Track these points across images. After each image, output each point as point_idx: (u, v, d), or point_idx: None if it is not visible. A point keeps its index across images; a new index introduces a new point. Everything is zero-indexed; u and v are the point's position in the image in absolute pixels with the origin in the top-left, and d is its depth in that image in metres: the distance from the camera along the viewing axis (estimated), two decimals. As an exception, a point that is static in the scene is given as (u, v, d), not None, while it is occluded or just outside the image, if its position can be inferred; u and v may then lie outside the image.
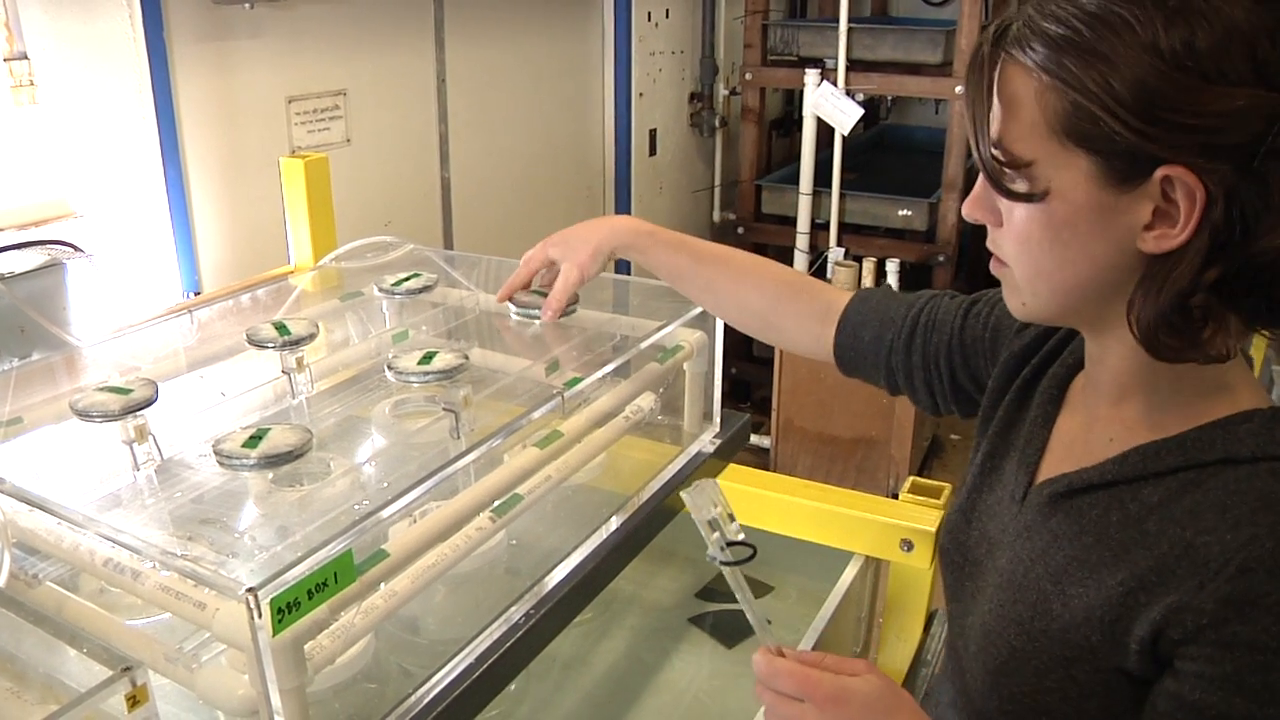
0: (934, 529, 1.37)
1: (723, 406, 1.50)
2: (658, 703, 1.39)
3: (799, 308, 1.22)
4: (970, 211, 0.84)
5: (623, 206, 3.89)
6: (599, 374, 1.24)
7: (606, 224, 1.30)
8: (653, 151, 4.02)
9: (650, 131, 3.98)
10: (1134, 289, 0.76)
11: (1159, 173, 0.71)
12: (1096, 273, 0.78)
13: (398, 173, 2.90)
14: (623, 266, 4.23)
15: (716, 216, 4.55)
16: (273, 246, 2.19)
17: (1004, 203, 0.81)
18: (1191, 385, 0.81)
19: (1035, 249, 0.80)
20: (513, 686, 1.32)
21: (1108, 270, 0.77)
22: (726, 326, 1.38)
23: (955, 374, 1.10)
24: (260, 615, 0.81)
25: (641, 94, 3.86)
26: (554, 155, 3.56)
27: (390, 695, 1.02)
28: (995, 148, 0.78)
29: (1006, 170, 0.78)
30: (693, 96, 4.28)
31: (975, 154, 0.80)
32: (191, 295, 2.27)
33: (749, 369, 4.37)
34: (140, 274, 2.17)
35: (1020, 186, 0.78)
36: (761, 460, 3.91)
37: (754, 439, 4.01)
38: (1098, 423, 0.89)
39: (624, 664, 1.44)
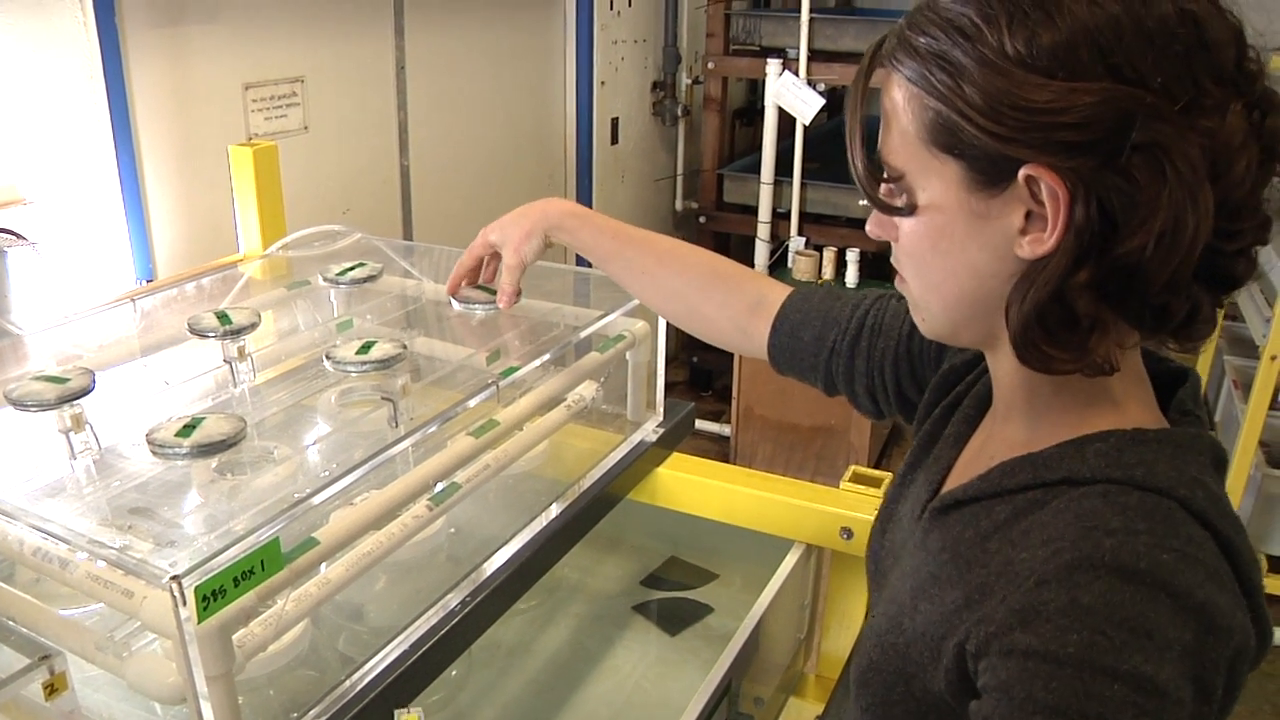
0: (873, 517, 1.39)
1: (683, 394, 1.51)
2: (601, 689, 1.40)
3: (726, 297, 1.19)
4: (873, 229, 0.84)
5: (584, 195, 3.89)
6: (535, 363, 1.25)
7: (540, 207, 1.29)
8: (615, 140, 4.02)
9: (612, 120, 3.99)
10: (1009, 295, 0.74)
11: (1021, 173, 0.70)
12: (980, 283, 0.76)
13: (356, 160, 2.89)
14: (584, 260, 4.23)
15: (679, 205, 4.56)
16: (229, 234, 2.18)
17: (895, 219, 0.80)
18: (1070, 400, 0.79)
19: (921, 262, 0.79)
20: (454, 672, 1.34)
21: (990, 279, 0.75)
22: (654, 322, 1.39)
23: (900, 381, 1.07)
24: (185, 603, 0.81)
25: (604, 82, 3.86)
26: (515, 143, 3.55)
27: (328, 682, 1.03)
28: (871, 161, 0.78)
29: (882, 184, 0.78)
30: (655, 85, 4.28)
31: (852, 169, 0.79)
32: (144, 283, 2.26)
33: (710, 357, 4.39)
34: (93, 261, 2.16)
35: (899, 201, 0.78)
36: (722, 448, 3.93)
37: (714, 427, 4.03)
38: (990, 440, 0.88)
39: (567, 651, 1.45)
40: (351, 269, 1.52)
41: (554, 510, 1.31)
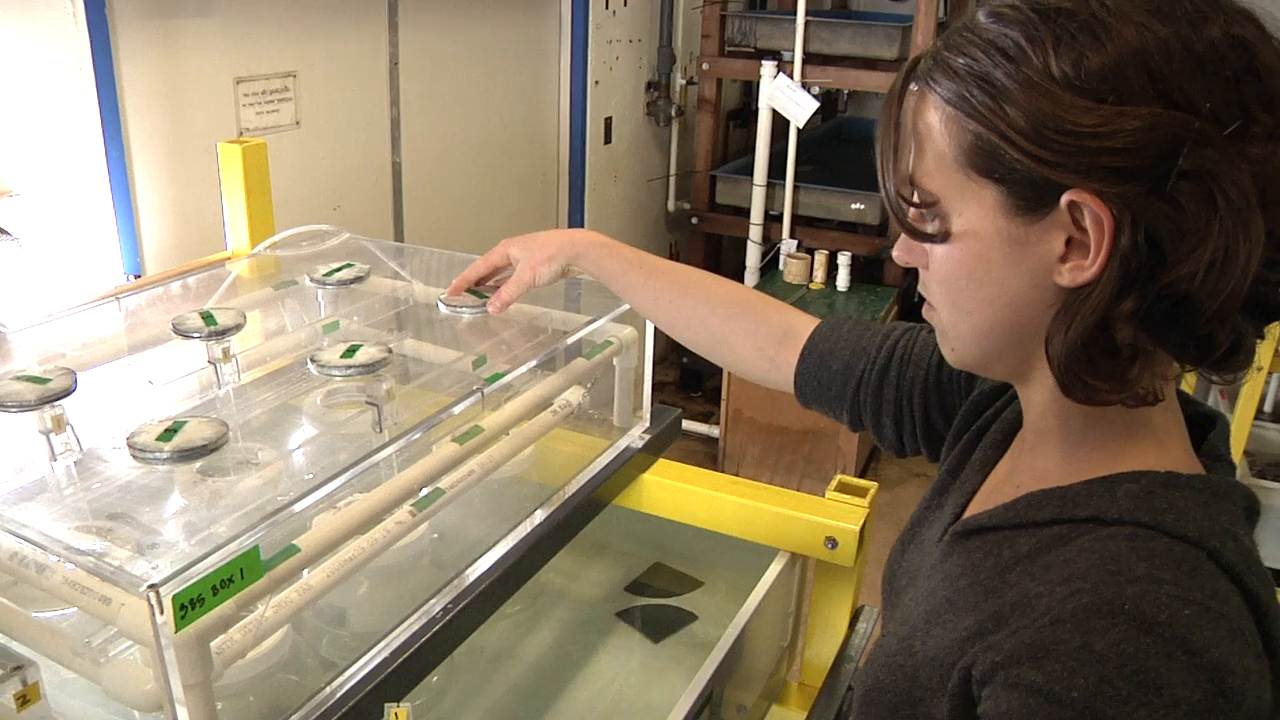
0: (858, 527, 1.39)
1: (673, 395, 1.51)
2: (583, 695, 1.40)
3: (752, 325, 1.16)
4: (900, 255, 0.82)
5: (576, 194, 3.88)
6: (521, 369, 1.25)
7: (567, 234, 1.27)
8: (608, 140, 4.02)
9: (605, 120, 3.98)
10: (1050, 324, 0.72)
11: (1064, 199, 0.68)
12: (1016, 312, 0.75)
13: (348, 156, 2.88)
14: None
15: (671, 206, 4.55)
16: (220, 230, 2.17)
17: (926, 244, 0.78)
18: (1105, 434, 0.78)
19: (954, 289, 0.77)
20: (436, 678, 1.33)
21: (1027, 308, 0.74)
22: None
23: (929, 412, 1.04)
24: (162, 611, 0.81)
25: (597, 82, 3.85)
26: (508, 141, 3.55)
27: (309, 688, 1.03)
28: (906, 186, 0.77)
29: (913, 209, 0.77)
30: (649, 85, 4.28)
31: (882, 193, 0.78)
32: (132, 278, 2.25)
33: (700, 359, 4.37)
34: (81, 256, 2.15)
35: (931, 226, 0.76)
36: (711, 449, 3.93)
37: (703, 429, 4.03)
38: (1017, 469, 0.87)
39: (551, 657, 1.45)
40: (339, 269, 1.51)
41: (539, 516, 1.30)
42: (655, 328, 1.45)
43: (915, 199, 0.76)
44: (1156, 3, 0.67)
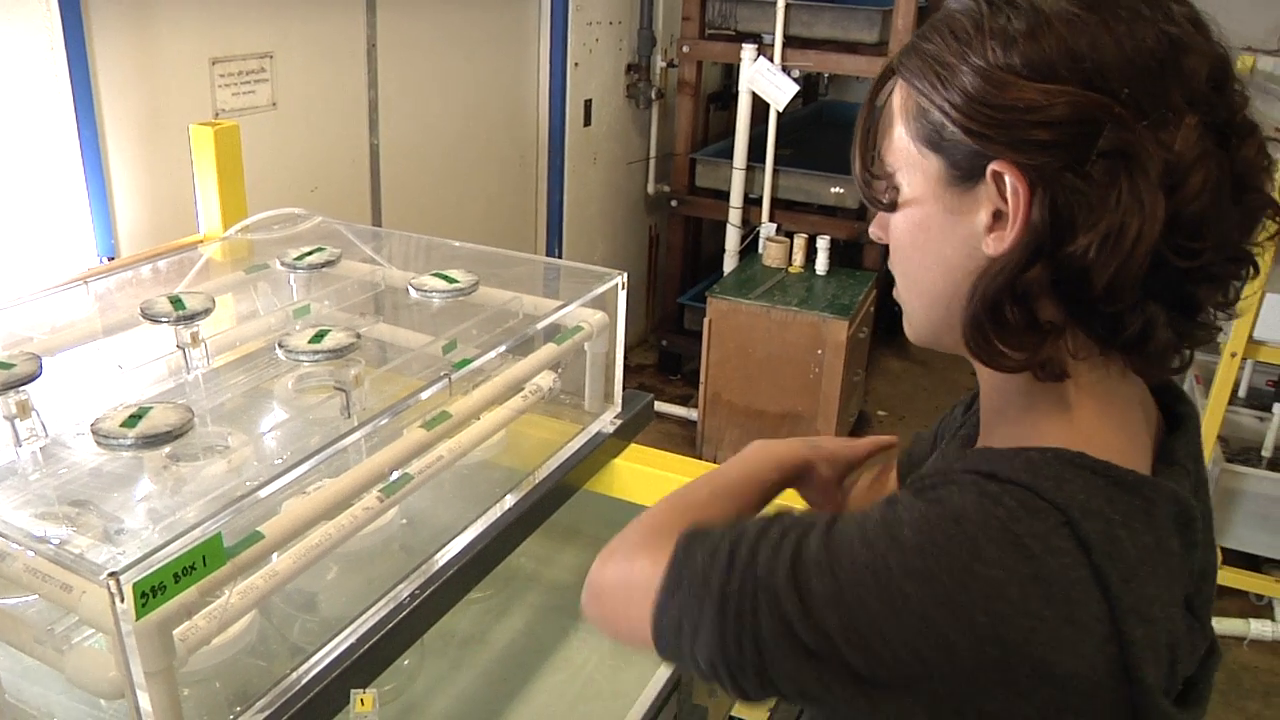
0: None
1: (652, 378, 1.51)
2: (554, 679, 1.40)
3: None
4: (874, 231, 0.86)
5: (556, 177, 3.87)
6: (489, 354, 1.24)
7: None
8: (587, 122, 4.00)
9: (585, 102, 3.97)
10: (969, 288, 0.76)
11: (989, 169, 0.73)
12: (953, 282, 0.78)
13: (325, 138, 2.86)
14: (554, 247, 4.18)
15: (651, 189, 4.55)
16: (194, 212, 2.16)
17: (883, 215, 0.83)
18: (1041, 413, 0.79)
19: (902, 257, 0.83)
20: (406, 662, 1.33)
21: (964, 278, 0.77)
22: (630, 308, 1.38)
23: None
24: (123, 599, 0.81)
25: (577, 64, 3.84)
26: (487, 123, 3.53)
27: (276, 673, 1.03)
28: (871, 159, 0.82)
29: (875, 181, 0.82)
30: (629, 68, 4.26)
31: (853, 166, 0.84)
32: (106, 260, 2.23)
33: (679, 341, 4.39)
34: (54, 238, 2.14)
35: (886, 196, 0.81)
36: (689, 433, 3.94)
37: (682, 411, 4.03)
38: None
39: (522, 641, 1.45)
40: (310, 253, 1.51)
41: (509, 501, 1.30)
42: (626, 313, 1.45)
43: (875, 174, 0.82)
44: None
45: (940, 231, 0.79)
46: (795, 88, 3.79)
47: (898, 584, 0.69)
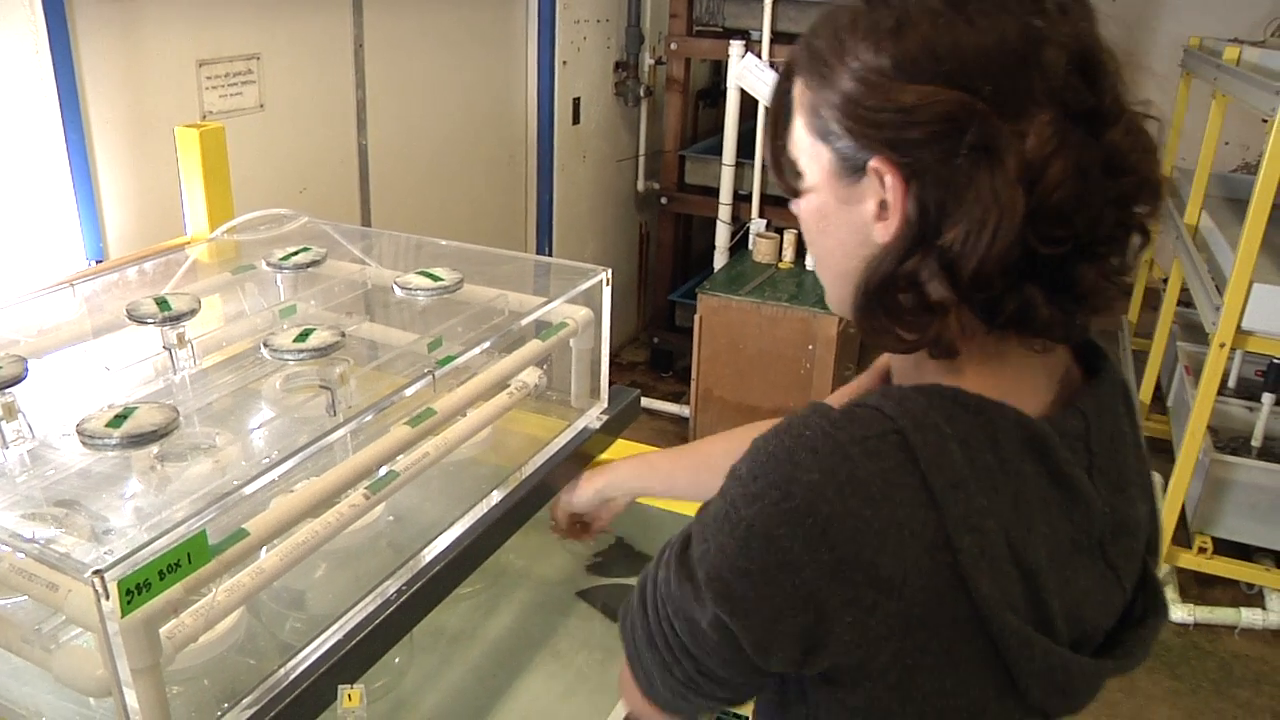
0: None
1: (644, 375, 1.52)
2: (543, 675, 1.40)
3: None
4: (794, 210, 0.91)
5: (545, 175, 3.88)
6: (473, 351, 1.25)
7: (603, 473, 1.43)
8: (576, 120, 4.01)
9: (574, 100, 3.97)
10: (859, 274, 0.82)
11: (870, 165, 0.77)
12: (852, 263, 0.82)
13: (313, 139, 2.86)
14: (543, 245, 4.19)
15: (640, 186, 4.55)
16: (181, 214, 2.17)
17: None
18: (926, 377, 0.83)
19: (809, 239, 0.88)
20: (397, 659, 1.34)
21: (861, 261, 0.81)
22: (615, 304, 1.39)
23: None
24: (108, 597, 0.81)
25: (565, 62, 3.84)
26: (475, 123, 3.54)
27: (264, 670, 1.03)
28: (780, 147, 0.88)
29: (784, 169, 0.87)
30: (618, 65, 4.27)
31: (765, 152, 0.90)
32: (94, 264, 2.24)
33: (670, 338, 4.40)
34: (41, 241, 2.14)
35: (794, 182, 0.86)
36: (681, 430, 3.95)
37: (674, 408, 4.04)
38: None
39: (511, 637, 1.46)
40: (295, 254, 1.51)
41: (495, 496, 1.31)
42: (611, 309, 1.46)
43: (785, 162, 0.87)
44: None
45: (837, 218, 0.83)
46: (783, 84, 3.79)
47: (740, 514, 0.76)
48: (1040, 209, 0.73)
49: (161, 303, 1.30)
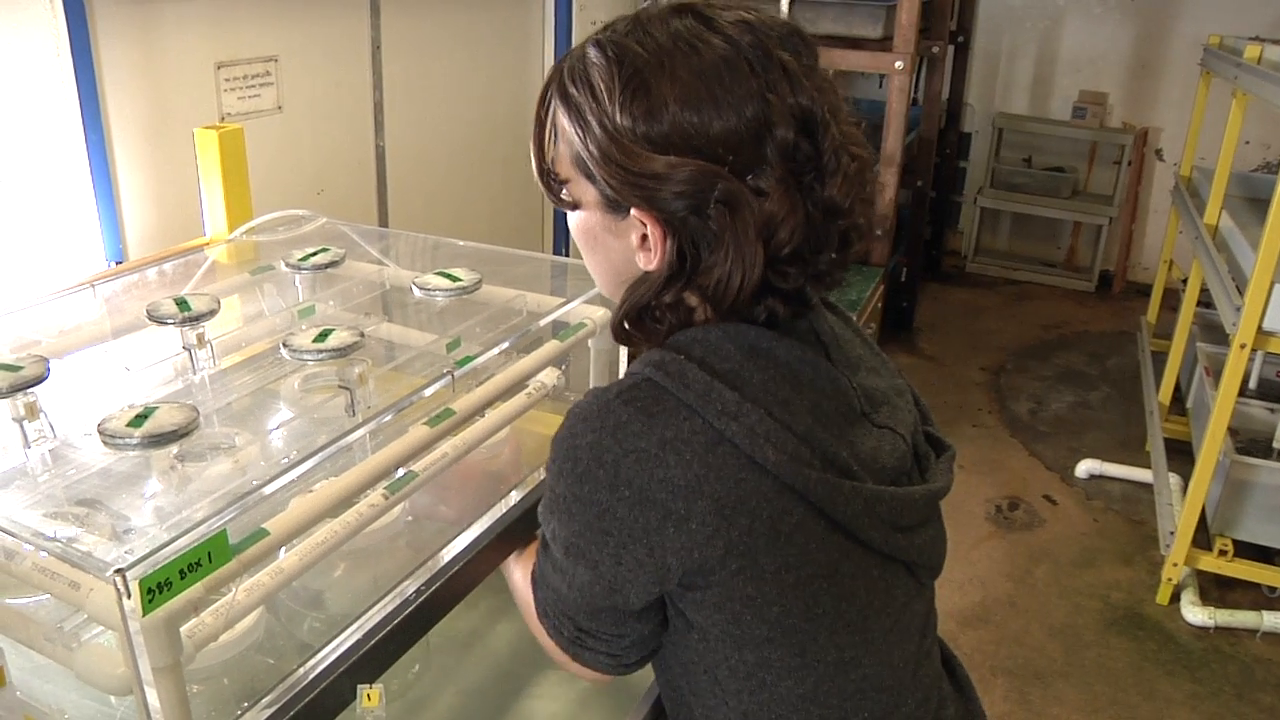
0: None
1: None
2: (560, 676, 1.41)
3: None
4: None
5: (562, 176, 3.87)
6: (492, 352, 1.25)
7: None
8: (593, 121, 4.00)
9: (591, 101, 3.97)
10: (622, 293, 0.97)
11: (632, 213, 0.90)
12: (621, 277, 0.97)
13: (331, 141, 2.87)
14: (560, 246, 4.18)
15: (659, 187, 4.55)
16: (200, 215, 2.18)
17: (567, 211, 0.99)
18: None
19: (580, 247, 0.99)
20: (416, 667, 1.34)
21: (627, 276, 0.96)
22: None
23: None
24: (129, 596, 0.82)
25: (582, 63, 3.84)
26: (492, 124, 3.54)
27: (283, 669, 1.04)
28: (549, 163, 0.97)
29: (553, 184, 0.97)
30: (635, 66, 4.26)
31: (533, 167, 0.99)
32: (114, 265, 2.25)
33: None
34: (63, 243, 2.15)
35: (565, 197, 0.97)
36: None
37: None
38: None
39: (528, 639, 1.45)
40: (314, 254, 1.52)
41: (514, 497, 1.31)
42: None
43: (552, 177, 0.97)
44: (701, 64, 0.86)
45: (605, 241, 0.96)
46: (800, 84, 3.78)
47: (556, 493, 0.92)
48: (774, 259, 0.88)
49: (181, 303, 1.31)
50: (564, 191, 0.96)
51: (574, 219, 0.98)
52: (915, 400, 1.09)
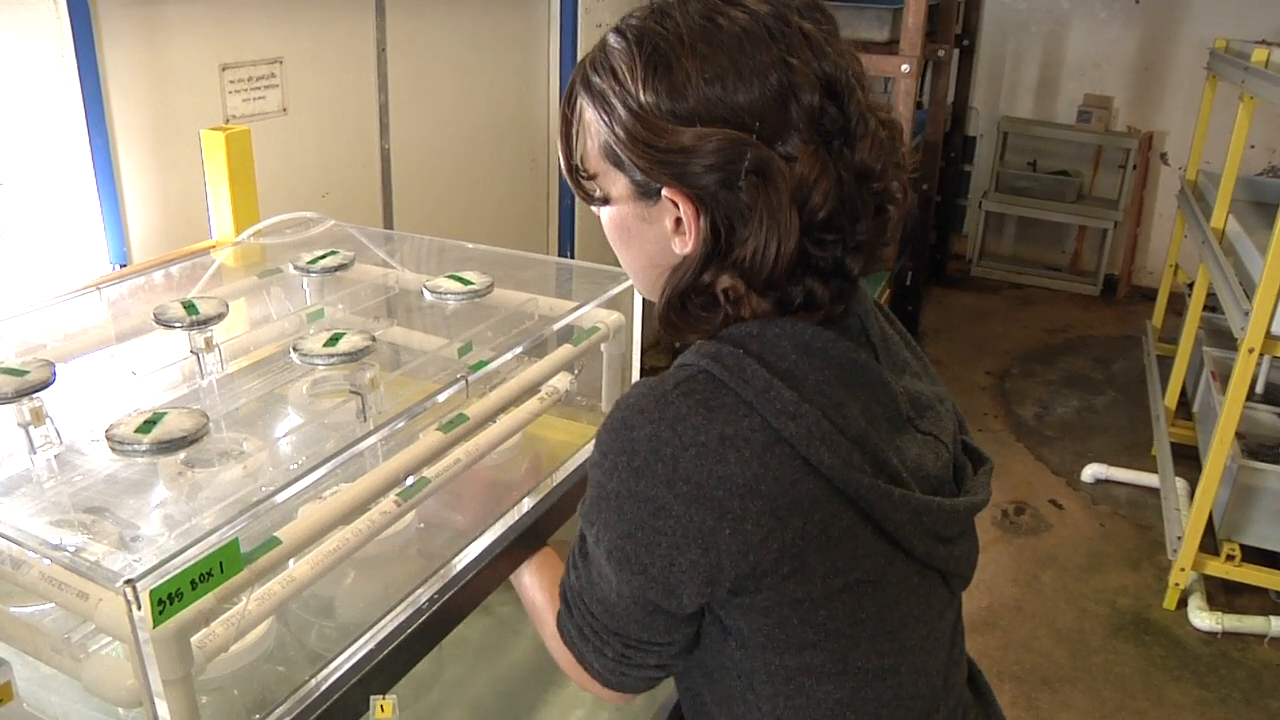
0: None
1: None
2: (570, 689, 1.39)
3: None
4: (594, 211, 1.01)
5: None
6: (505, 356, 1.23)
7: None
8: (598, 124, 3.99)
9: (596, 103, 3.95)
10: (663, 283, 0.95)
11: (663, 193, 0.89)
12: (656, 268, 0.96)
13: (336, 143, 2.86)
14: (566, 248, 4.17)
15: (663, 190, 4.53)
16: (207, 218, 2.16)
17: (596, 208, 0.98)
18: None
19: (615, 246, 0.99)
20: (436, 680, 1.32)
21: (664, 266, 0.94)
22: (645, 311, 1.37)
23: None
24: (140, 607, 0.80)
25: (587, 65, 3.82)
26: (497, 126, 3.52)
27: (294, 680, 1.02)
28: (576, 162, 0.96)
29: (583, 181, 0.96)
30: (640, 68, 4.25)
31: (562, 165, 0.98)
32: (118, 268, 2.23)
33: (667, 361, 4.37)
34: (66, 246, 2.13)
35: (596, 193, 0.96)
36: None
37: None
38: None
39: (540, 649, 1.43)
40: (323, 257, 1.50)
41: (526, 504, 1.29)
42: (644, 313, 1.44)
43: (582, 174, 0.96)
44: (721, 36, 0.85)
45: (639, 231, 0.95)
46: (805, 87, 3.77)
47: (606, 489, 0.88)
48: (810, 224, 0.87)
49: (189, 306, 1.29)
50: (594, 187, 0.96)
51: (606, 215, 0.96)
52: (954, 408, 1.08)
